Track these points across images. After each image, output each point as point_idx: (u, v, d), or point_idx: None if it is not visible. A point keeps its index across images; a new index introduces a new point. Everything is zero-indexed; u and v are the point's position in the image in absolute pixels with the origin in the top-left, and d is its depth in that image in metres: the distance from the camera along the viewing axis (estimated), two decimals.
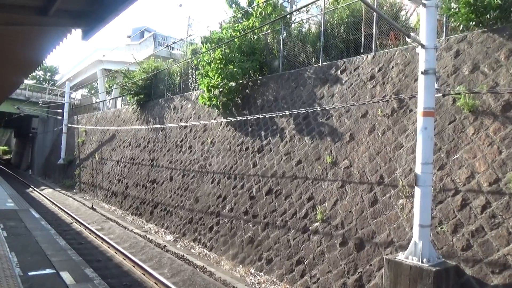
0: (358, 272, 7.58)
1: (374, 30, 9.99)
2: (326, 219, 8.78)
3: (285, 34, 13.24)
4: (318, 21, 12.67)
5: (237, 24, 13.95)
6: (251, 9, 13.96)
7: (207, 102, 13.88)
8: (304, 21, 13.87)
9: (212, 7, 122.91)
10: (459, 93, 7.51)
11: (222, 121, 14.07)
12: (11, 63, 9.76)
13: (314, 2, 11.66)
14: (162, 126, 18.12)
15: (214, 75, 13.20)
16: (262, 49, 13.83)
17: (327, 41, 11.59)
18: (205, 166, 13.89)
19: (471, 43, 7.97)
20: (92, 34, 6.34)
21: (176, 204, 14.34)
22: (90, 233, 14.24)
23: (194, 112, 16.37)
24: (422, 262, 6.18)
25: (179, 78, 18.94)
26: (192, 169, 14.57)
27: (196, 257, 10.97)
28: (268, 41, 13.97)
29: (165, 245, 12.13)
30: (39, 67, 10.27)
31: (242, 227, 10.87)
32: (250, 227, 10.61)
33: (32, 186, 27.55)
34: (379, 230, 7.69)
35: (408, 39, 6.76)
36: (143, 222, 15.64)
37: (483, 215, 6.42)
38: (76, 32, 6.71)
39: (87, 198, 22.31)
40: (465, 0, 7.48)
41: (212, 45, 13.47)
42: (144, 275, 9.88)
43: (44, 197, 23.13)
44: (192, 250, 11.71)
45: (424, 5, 6.66)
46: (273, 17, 13.37)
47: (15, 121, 39.39)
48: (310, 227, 9.02)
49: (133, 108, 22.46)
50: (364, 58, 10.12)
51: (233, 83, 13.09)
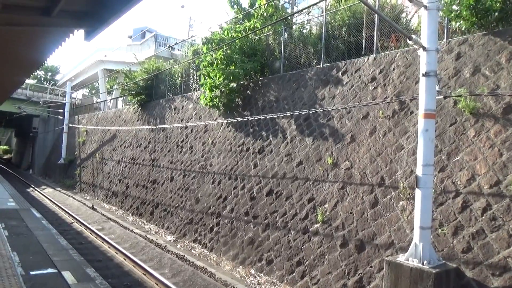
0: (359, 274, 7.60)
1: (375, 32, 10.02)
2: (326, 220, 8.80)
3: (286, 35, 13.27)
4: (320, 23, 12.70)
5: (238, 25, 13.97)
6: (252, 10, 13.99)
7: (209, 102, 13.90)
8: (306, 22, 13.90)
9: (213, 8, 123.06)
10: (460, 95, 7.53)
11: (223, 122, 14.10)
12: (13, 63, 9.79)
13: (316, 4, 11.68)
14: (163, 126, 18.15)
15: (216, 75, 13.23)
16: (264, 50, 13.86)
17: (328, 42, 11.61)
18: (206, 167, 13.91)
19: (472, 45, 7.99)
20: (95, 34, 6.37)
21: (177, 205, 14.36)
22: (91, 233, 14.26)
23: (195, 113, 16.39)
24: (423, 264, 6.19)
25: (180, 78, 18.96)
26: (192, 169, 14.59)
27: (197, 258, 10.99)
28: (270, 42, 13.99)
29: (166, 246, 12.14)
30: (40, 67, 10.28)
31: (242, 228, 10.88)
32: (250, 228, 10.63)
33: (32, 186, 27.57)
34: (380, 232, 7.71)
35: (410, 41, 6.78)
36: (143, 222, 15.66)
37: (483, 217, 6.44)
38: (79, 33, 6.74)
39: (88, 198, 22.33)
40: (467, 3, 7.51)
41: (214, 46, 13.50)
42: (145, 275, 9.90)
43: (45, 196, 23.15)
44: (193, 251, 11.73)
45: (425, 7, 6.68)
46: (274, 18, 13.40)
47: (16, 121, 39.43)
48: (311, 228, 9.04)
49: (134, 108, 22.49)
50: (366, 60, 10.15)
51: (234, 84, 13.12)
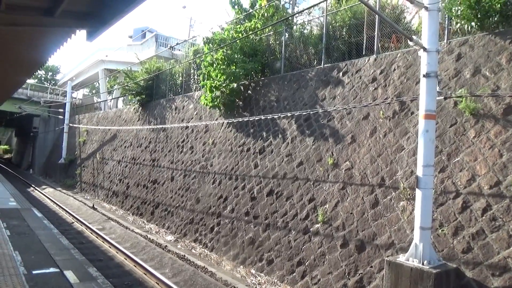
0: (359, 274, 7.62)
1: (376, 33, 10.04)
2: (327, 221, 8.82)
3: (287, 36, 13.29)
4: (320, 23, 12.73)
5: (239, 26, 14.00)
6: (253, 11, 14.01)
7: (209, 103, 13.92)
8: (306, 23, 13.93)
9: (214, 8, 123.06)
10: (461, 96, 7.56)
11: (223, 122, 14.12)
12: (15, 62, 9.80)
13: (317, 4, 11.71)
14: (164, 126, 18.17)
15: (217, 76, 13.26)
16: (264, 51, 13.89)
17: (329, 43, 11.64)
18: (206, 167, 13.93)
19: (472, 46, 8.02)
20: (97, 35, 6.39)
21: (177, 205, 14.39)
22: (92, 233, 14.29)
23: (195, 113, 16.42)
24: (423, 264, 6.22)
25: (180, 78, 18.99)
26: (193, 169, 14.61)
27: (197, 258, 11.01)
28: (270, 42, 14.02)
29: (166, 245, 12.17)
30: (41, 67, 10.30)
31: (243, 228, 10.91)
32: (251, 228, 10.65)
33: (33, 185, 27.59)
34: (380, 232, 7.73)
35: (410, 42, 6.80)
36: (144, 222, 15.68)
37: (483, 217, 6.46)
38: (80, 33, 6.76)
39: (88, 197, 22.36)
40: (468, 4, 7.54)
41: (214, 46, 13.53)
42: (146, 274, 9.93)
43: (45, 196, 23.18)
44: (193, 251, 11.76)
45: (426, 8, 6.70)
46: (275, 18, 13.43)
47: (16, 120, 39.44)
48: (311, 229, 9.06)
49: (134, 108, 22.51)
50: (366, 61, 10.17)
51: (235, 84, 13.14)
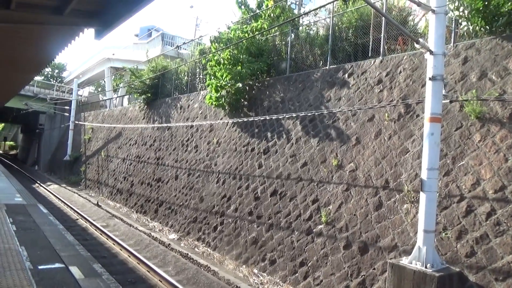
0: (361, 276, 7.63)
1: (382, 35, 10.03)
2: (330, 222, 8.83)
3: (293, 36, 13.31)
4: (327, 24, 12.73)
5: (245, 26, 14.04)
6: (260, 11, 14.04)
7: (214, 102, 13.97)
8: (313, 23, 13.93)
9: (220, 8, 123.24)
10: (467, 100, 7.54)
11: (228, 122, 14.16)
12: (23, 60, 9.92)
13: (323, 6, 11.71)
14: (169, 125, 18.25)
15: (222, 75, 13.31)
16: (270, 51, 13.91)
17: (335, 44, 11.64)
18: (211, 166, 13.98)
19: (479, 50, 7.99)
20: (105, 33, 6.46)
21: (181, 203, 14.45)
22: (96, 230, 14.39)
23: (200, 112, 16.48)
24: (426, 267, 6.21)
25: (186, 77, 19.07)
26: (197, 168, 14.67)
27: (200, 256, 11.06)
28: (276, 43, 14.04)
29: (170, 244, 12.23)
30: (49, 64, 10.42)
31: (246, 228, 10.94)
32: (254, 228, 10.68)
33: (38, 182, 27.82)
34: (383, 234, 7.73)
35: (417, 45, 6.80)
36: (147, 220, 15.77)
37: (487, 222, 6.44)
38: (88, 31, 6.82)
39: (93, 195, 22.50)
40: (475, 7, 7.52)
41: (221, 45, 13.57)
42: (149, 272, 9.99)
43: (50, 192, 23.36)
44: (196, 249, 11.81)
45: (433, 11, 6.70)
46: (281, 19, 13.44)
47: (22, 117, 39.76)
48: (314, 229, 9.08)
49: (139, 107, 22.62)
50: (372, 62, 10.16)
51: (240, 84, 13.18)
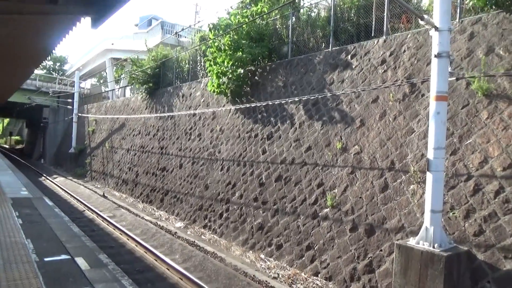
0: (368, 257, 7.60)
1: (385, 13, 9.79)
2: (336, 205, 8.78)
3: (294, 19, 13.05)
4: (328, 5, 12.45)
5: (245, 10, 13.78)
6: None
7: (216, 89, 13.84)
8: (314, 5, 13.64)
9: None
10: (473, 77, 7.36)
11: (231, 109, 14.05)
12: (22, 52, 9.82)
13: None
14: (171, 114, 18.18)
15: (223, 61, 13.13)
16: (271, 35, 13.67)
17: (337, 25, 11.40)
18: (215, 154, 13.94)
19: (486, 25, 7.77)
20: (101, 22, 6.31)
21: (186, 191, 14.47)
22: (102, 220, 14.49)
23: (203, 100, 16.36)
24: (434, 247, 6.16)
25: (187, 65, 18.89)
26: (201, 156, 14.64)
27: (207, 243, 11.11)
28: (277, 26, 13.79)
29: (176, 232, 12.29)
30: (48, 57, 10.35)
31: (251, 214, 10.94)
32: (259, 214, 10.67)
33: (44, 175, 28.02)
34: (390, 216, 7.67)
35: (421, 22, 6.60)
36: (153, 209, 15.85)
37: (496, 200, 6.35)
38: (85, 21, 6.71)
39: (98, 186, 22.64)
40: None
41: (220, 32, 13.36)
42: (156, 260, 10.05)
43: (57, 185, 23.53)
44: (203, 237, 11.86)
45: None
46: (281, 2, 13.17)
47: (26, 111, 39.86)
48: (320, 213, 9.04)
49: (142, 97, 22.53)
50: (375, 42, 9.95)
51: (241, 70, 13.01)
